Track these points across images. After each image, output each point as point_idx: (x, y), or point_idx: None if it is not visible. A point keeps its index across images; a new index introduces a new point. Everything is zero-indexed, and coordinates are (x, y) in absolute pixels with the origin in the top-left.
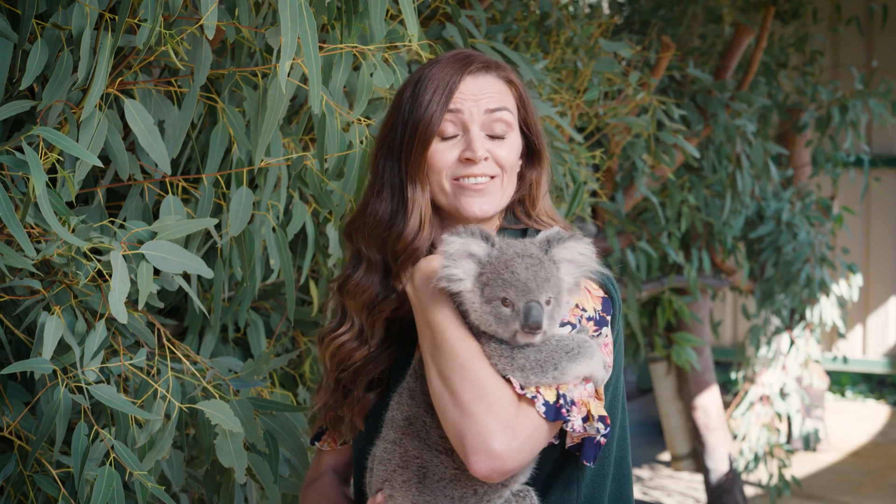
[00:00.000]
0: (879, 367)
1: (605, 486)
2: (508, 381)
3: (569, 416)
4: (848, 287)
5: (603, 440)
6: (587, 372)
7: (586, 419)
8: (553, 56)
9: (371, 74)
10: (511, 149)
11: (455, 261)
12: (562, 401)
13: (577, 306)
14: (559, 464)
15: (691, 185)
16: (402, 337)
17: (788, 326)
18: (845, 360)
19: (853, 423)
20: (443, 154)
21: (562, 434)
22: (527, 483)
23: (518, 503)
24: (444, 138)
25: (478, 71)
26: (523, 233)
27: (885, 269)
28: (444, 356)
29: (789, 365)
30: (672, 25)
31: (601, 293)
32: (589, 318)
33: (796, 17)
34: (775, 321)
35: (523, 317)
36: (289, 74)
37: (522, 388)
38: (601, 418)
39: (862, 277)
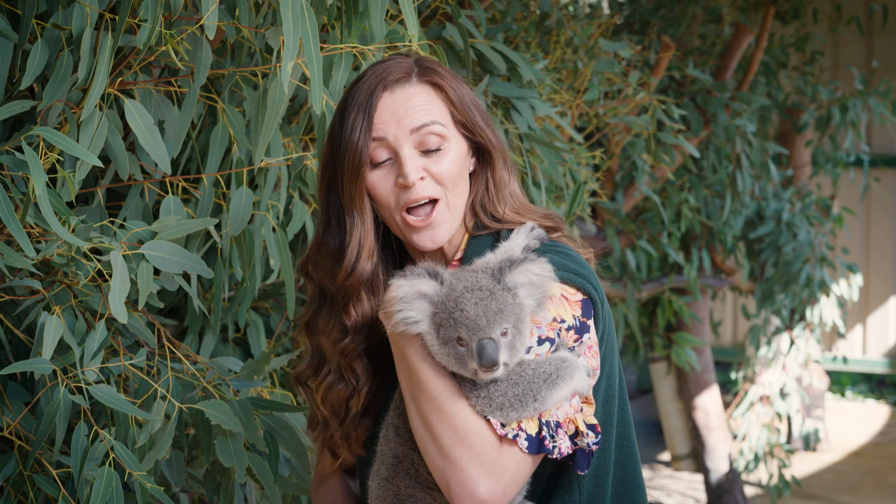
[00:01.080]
0: (879, 367)
1: (606, 478)
2: (488, 420)
3: (554, 442)
4: (848, 287)
5: (595, 447)
6: (569, 393)
7: (575, 434)
8: (553, 56)
9: None
10: (451, 160)
11: (408, 303)
12: (545, 430)
13: (554, 319)
14: (556, 472)
15: (691, 186)
16: (387, 362)
17: (788, 326)
18: (845, 360)
19: (853, 423)
20: (381, 184)
21: None
22: (525, 497)
23: None
24: (378, 165)
25: (395, 84)
26: (496, 235)
27: (885, 269)
28: (422, 396)
29: (789, 365)
30: (672, 25)
31: (580, 296)
32: (569, 328)
33: (796, 17)
34: (775, 321)
35: (477, 356)
36: (290, 75)
37: (503, 426)
38: (591, 427)
39: (862, 277)
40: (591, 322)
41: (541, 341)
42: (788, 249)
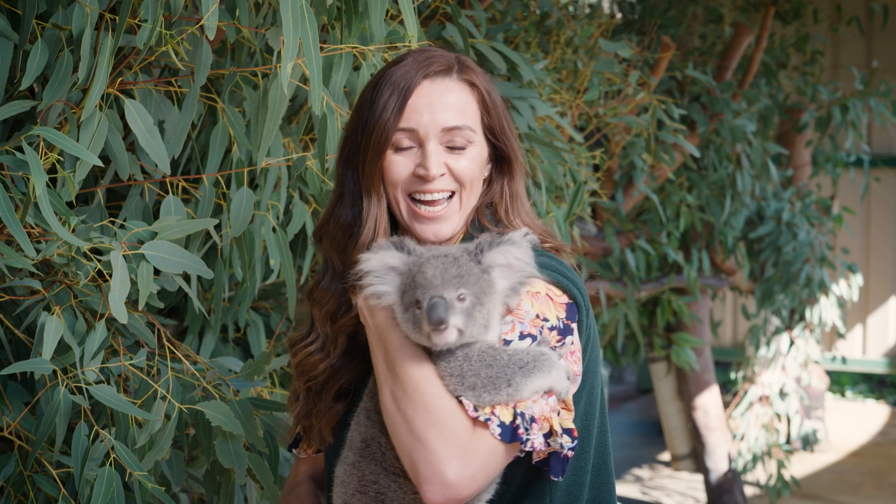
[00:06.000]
0: (879, 367)
1: (581, 495)
2: (462, 402)
3: (528, 435)
4: (848, 287)
5: (570, 453)
6: (545, 386)
7: (549, 434)
8: (553, 56)
9: (371, 75)
10: (472, 160)
11: (379, 276)
12: (519, 420)
13: (537, 316)
14: (529, 477)
15: (691, 185)
16: (367, 348)
17: (788, 326)
18: (845, 360)
19: (853, 423)
20: (398, 167)
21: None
22: (495, 499)
23: None
24: (400, 149)
25: (436, 75)
26: None
27: (885, 269)
28: (397, 377)
29: (789, 365)
30: (672, 25)
31: (565, 299)
32: (552, 328)
33: (797, 17)
34: (775, 321)
35: (427, 314)
36: (290, 75)
37: (476, 409)
38: (567, 431)
39: (862, 277)
40: (574, 326)
41: (522, 336)
42: (788, 249)
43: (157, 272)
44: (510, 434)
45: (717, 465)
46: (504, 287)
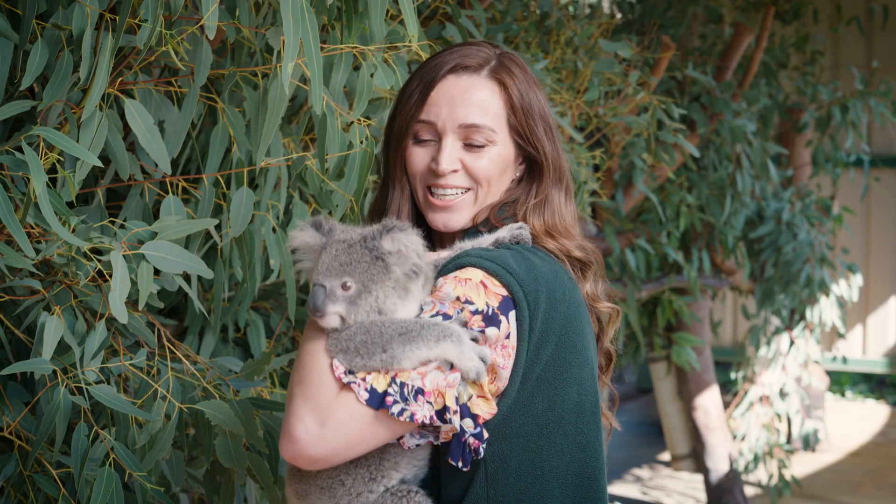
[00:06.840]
0: (879, 367)
1: None
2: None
3: (407, 406)
4: (848, 287)
5: (474, 441)
6: (430, 356)
7: (444, 412)
8: (553, 56)
9: (371, 75)
10: (491, 160)
11: (304, 254)
12: (393, 388)
13: (458, 299)
14: (467, 477)
15: (691, 185)
16: None
17: (788, 326)
18: (845, 360)
19: (853, 423)
20: (416, 158)
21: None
22: (433, 491)
23: (395, 503)
24: (421, 141)
25: (464, 70)
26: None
27: (885, 269)
28: (301, 343)
29: (789, 365)
30: (672, 25)
31: (502, 291)
32: (476, 311)
33: (796, 17)
34: (775, 321)
35: (308, 299)
36: (290, 75)
37: (351, 371)
38: (471, 416)
39: (862, 277)
40: (504, 318)
41: (434, 314)
42: (788, 249)
43: (157, 272)
44: (378, 401)
45: (718, 465)
46: (399, 273)
